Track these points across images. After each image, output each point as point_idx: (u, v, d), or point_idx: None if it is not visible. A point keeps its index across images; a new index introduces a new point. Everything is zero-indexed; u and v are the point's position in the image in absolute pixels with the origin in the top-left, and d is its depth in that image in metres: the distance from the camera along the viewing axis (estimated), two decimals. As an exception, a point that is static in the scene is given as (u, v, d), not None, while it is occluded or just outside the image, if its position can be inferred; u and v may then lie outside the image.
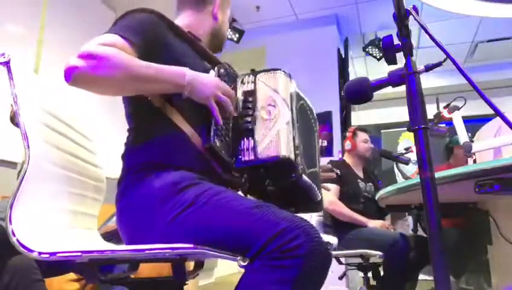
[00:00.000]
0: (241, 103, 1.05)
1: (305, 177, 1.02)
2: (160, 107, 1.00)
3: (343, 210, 2.46)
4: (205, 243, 0.81)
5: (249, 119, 1.01)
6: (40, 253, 0.78)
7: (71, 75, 0.86)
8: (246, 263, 0.77)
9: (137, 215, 0.92)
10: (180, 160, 0.96)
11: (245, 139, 0.99)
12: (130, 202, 0.95)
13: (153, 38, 1.00)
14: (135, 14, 1.02)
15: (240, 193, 1.02)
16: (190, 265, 1.08)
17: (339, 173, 2.60)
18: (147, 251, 0.79)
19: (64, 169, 1.00)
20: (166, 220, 0.87)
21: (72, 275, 1.66)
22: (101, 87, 0.92)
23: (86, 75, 0.86)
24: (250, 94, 1.05)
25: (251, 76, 1.08)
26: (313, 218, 2.39)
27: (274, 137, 0.97)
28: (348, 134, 2.83)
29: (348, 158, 2.78)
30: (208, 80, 0.98)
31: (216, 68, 1.06)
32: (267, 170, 0.99)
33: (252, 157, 0.96)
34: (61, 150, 1.01)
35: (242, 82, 1.08)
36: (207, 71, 1.04)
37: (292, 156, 0.97)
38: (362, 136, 2.77)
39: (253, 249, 0.76)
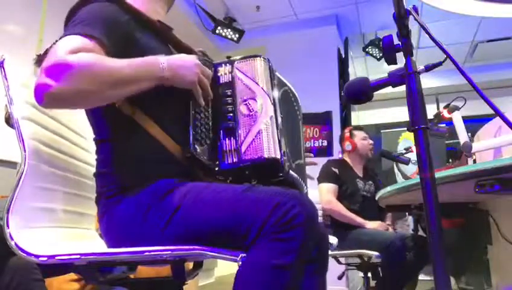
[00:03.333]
0: (219, 97, 0.96)
1: (291, 172, 0.98)
2: (131, 115, 0.91)
3: (341, 210, 2.46)
4: (206, 240, 0.80)
5: (229, 116, 0.94)
6: (38, 256, 0.78)
7: (42, 96, 0.76)
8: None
9: (124, 233, 0.87)
10: (156, 173, 0.89)
11: (227, 139, 0.92)
12: (113, 223, 0.89)
13: (118, 32, 0.90)
14: (93, 5, 0.91)
15: None
16: (190, 265, 1.08)
17: (337, 172, 2.59)
18: (145, 253, 0.79)
19: (60, 170, 1.00)
20: (159, 228, 0.83)
21: (72, 275, 1.66)
22: (80, 103, 0.84)
23: (59, 92, 0.76)
24: (228, 86, 0.96)
25: (228, 65, 0.99)
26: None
27: (257, 135, 0.91)
28: (346, 135, 2.81)
29: (347, 158, 2.77)
30: (187, 60, 0.90)
31: None
32: (253, 171, 0.93)
33: (235, 159, 0.90)
34: (57, 150, 1.00)
35: (218, 73, 0.99)
36: None
37: (278, 155, 0.91)
38: (360, 134, 2.76)
39: (253, 231, 0.76)
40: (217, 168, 0.92)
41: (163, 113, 0.93)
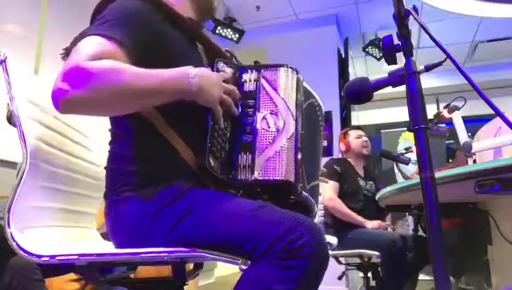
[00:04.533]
0: (240, 107, 0.92)
1: (304, 193, 0.95)
2: (150, 117, 0.89)
3: (342, 208, 2.46)
4: (210, 249, 0.79)
5: (248, 129, 0.90)
6: (40, 256, 0.78)
7: (59, 101, 0.74)
8: (247, 267, 0.76)
9: (130, 231, 0.87)
10: (168, 176, 0.88)
11: (242, 153, 0.88)
12: (119, 220, 0.89)
13: (145, 30, 0.86)
14: (122, 2, 0.87)
15: None
16: (190, 265, 1.08)
17: (339, 170, 2.60)
18: (146, 255, 0.78)
19: (62, 168, 1.00)
20: (165, 229, 0.83)
21: (72, 275, 1.66)
22: (97, 111, 0.82)
23: (77, 99, 0.74)
24: (251, 96, 0.92)
25: (254, 72, 0.93)
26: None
27: (274, 155, 0.87)
28: (340, 136, 2.83)
29: (347, 157, 2.78)
30: (214, 79, 0.87)
31: (216, 62, 0.94)
32: (264, 189, 0.90)
33: (248, 176, 0.87)
34: (59, 149, 1.00)
35: (242, 79, 0.94)
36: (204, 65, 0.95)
37: (292, 179, 0.87)
38: (354, 133, 2.77)
39: (259, 251, 0.74)
40: (228, 182, 0.89)
41: (182, 120, 0.91)
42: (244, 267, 0.76)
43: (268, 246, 0.74)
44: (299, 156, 0.90)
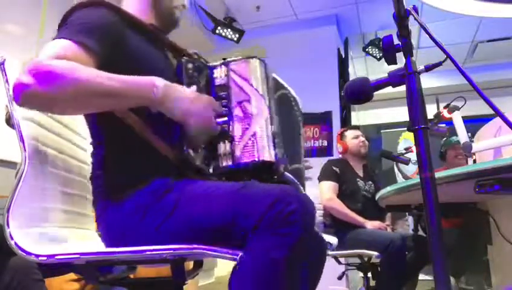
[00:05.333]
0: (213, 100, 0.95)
1: (287, 174, 0.98)
2: (125, 118, 0.90)
3: (342, 208, 2.46)
4: (204, 236, 0.80)
5: (224, 119, 0.94)
6: (38, 256, 0.78)
7: (20, 94, 0.76)
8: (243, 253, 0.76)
9: (122, 233, 0.87)
10: (150, 174, 0.90)
11: (221, 142, 0.92)
12: (110, 224, 0.90)
13: (111, 39, 0.89)
14: (85, 10, 0.90)
15: None
16: (189, 265, 1.08)
17: (338, 171, 2.60)
18: (145, 253, 0.78)
19: (60, 170, 1.00)
20: (156, 226, 0.84)
21: (72, 275, 1.66)
22: (56, 107, 0.82)
23: (37, 93, 0.76)
24: (223, 89, 0.96)
25: (223, 67, 0.98)
26: (313, 218, 2.39)
27: (252, 139, 0.91)
28: (337, 137, 2.83)
29: (346, 158, 2.78)
30: (184, 95, 0.88)
31: (183, 63, 0.96)
32: (246, 173, 0.93)
33: (229, 162, 0.91)
34: (57, 150, 1.00)
35: (213, 75, 0.98)
36: (172, 68, 0.97)
37: (272, 158, 0.91)
38: (351, 134, 2.76)
39: (251, 224, 0.76)
40: (211, 171, 0.92)
41: (157, 117, 0.91)
42: None
43: (259, 217, 0.75)
44: (276, 138, 0.94)
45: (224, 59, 1.00)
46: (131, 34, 0.95)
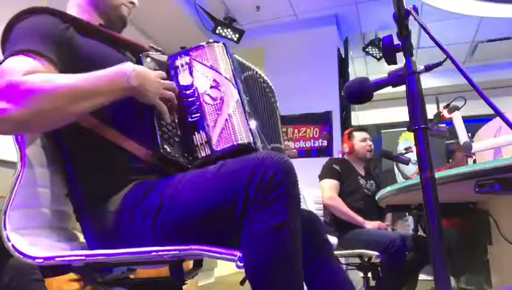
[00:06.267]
0: (180, 92, 0.93)
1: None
2: (92, 127, 0.88)
3: (342, 207, 2.46)
4: (197, 228, 0.80)
5: (194, 109, 0.91)
6: (34, 258, 0.78)
7: None
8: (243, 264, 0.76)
9: (112, 242, 0.85)
10: (128, 179, 0.88)
11: (195, 133, 0.90)
12: (98, 236, 0.88)
13: (59, 42, 0.85)
14: (26, 20, 0.86)
15: None
16: (189, 264, 1.08)
17: (339, 169, 2.59)
18: (143, 254, 0.78)
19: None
20: (146, 230, 0.83)
21: (71, 275, 1.66)
22: (42, 124, 0.79)
23: (19, 115, 0.71)
24: (188, 78, 0.94)
25: (184, 56, 0.96)
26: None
27: (226, 124, 0.89)
28: (344, 137, 2.82)
29: (348, 158, 2.77)
30: (151, 76, 0.87)
31: (141, 58, 0.94)
32: (227, 158, 0.90)
33: (208, 151, 0.89)
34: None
35: (175, 66, 0.96)
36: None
37: (250, 140, 0.90)
38: (359, 136, 2.74)
39: (240, 204, 0.76)
40: (190, 165, 0.91)
41: (125, 120, 0.90)
42: (241, 264, 0.76)
43: (244, 193, 0.75)
44: (250, 119, 0.93)
45: (182, 48, 0.98)
46: (81, 37, 0.91)
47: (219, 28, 4.08)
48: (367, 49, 4.78)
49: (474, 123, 2.66)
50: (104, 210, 0.87)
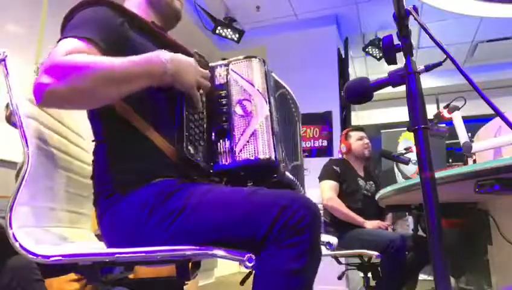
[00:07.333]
0: (214, 99, 0.96)
1: (287, 174, 0.98)
2: (126, 116, 0.91)
3: (342, 208, 2.46)
4: (211, 243, 0.79)
5: (223, 118, 0.94)
6: (42, 256, 0.77)
7: (41, 95, 0.77)
8: (252, 264, 0.76)
9: (125, 233, 0.86)
10: (152, 173, 0.89)
11: (221, 141, 0.92)
12: (113, 223, 0.89)
13: (112, 34, 0.90)
14: (86, 10, 0.91)
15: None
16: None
17: (338, 170, 2.60)
18: (155, 253, 0.78)
19: (62, 169, 1.00)
20: (162, 228, 0.83)
21: (72, 275, 1.66)
22: (80, 102, 0.84)
23: (58, 90, 0.77)
24: (223, 88, 0.97)
25: (223, 67, 0.99)
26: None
27: (251, 137, 0.90)
28: (342, 137, 2.83)
29: (347, 158, 2.78)
30: (189, 63, 0.89)
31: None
32: (247, 172, 0.93)
33: (229, 161, 0.90)
34: (59, 149, 1.00)
35: (214, 74, 0.99)
36: None
37: (273, 157, 0.90)
38: (355, 135, 2.75)
39: (261, 234, 0.76)
40: (211, 170, 0.91)
41: (157, 115, 0.92)
42: (249, 264, 0.76)
43: (269, 226, 0.75)
44: (277, 136, 0.94)
45: (223, 59, 1.01)
46: (134, 32, 0.95)
47: (219, 28, 4.08)
48: (367, 49, 4.78)
49: (474, 123, 2.66)
50: (124, 198, 0.87)
